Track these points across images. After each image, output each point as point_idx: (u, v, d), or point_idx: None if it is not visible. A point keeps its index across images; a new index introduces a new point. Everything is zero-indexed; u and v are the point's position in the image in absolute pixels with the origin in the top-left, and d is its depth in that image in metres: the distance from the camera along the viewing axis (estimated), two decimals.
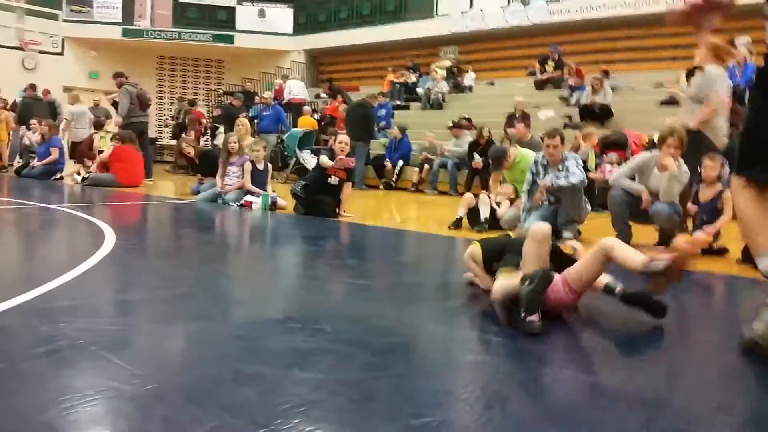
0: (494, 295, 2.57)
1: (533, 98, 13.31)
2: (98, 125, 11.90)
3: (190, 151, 8.77)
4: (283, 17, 20.61)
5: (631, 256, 2.56)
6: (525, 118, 10.76)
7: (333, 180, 6.61)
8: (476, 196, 6.06)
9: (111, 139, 10.06)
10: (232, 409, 1.61)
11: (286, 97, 15.45)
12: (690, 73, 11.45)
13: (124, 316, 2.59)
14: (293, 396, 1.68)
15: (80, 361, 1.93)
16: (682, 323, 2.80)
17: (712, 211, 4.88)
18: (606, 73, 12.60)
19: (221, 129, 12.57)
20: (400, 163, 11.78)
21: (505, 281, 2.59)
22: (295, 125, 13.81)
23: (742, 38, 11.92)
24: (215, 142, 12.75)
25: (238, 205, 7.06)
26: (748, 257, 4.15)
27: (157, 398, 1.67)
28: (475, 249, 3.02)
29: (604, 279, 2.75)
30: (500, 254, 2.90)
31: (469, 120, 12.47)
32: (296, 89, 15.84)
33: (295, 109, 15.11)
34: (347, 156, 6.58)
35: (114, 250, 3.95)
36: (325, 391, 1.74)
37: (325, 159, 6.62)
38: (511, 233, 3.35)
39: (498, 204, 5.96)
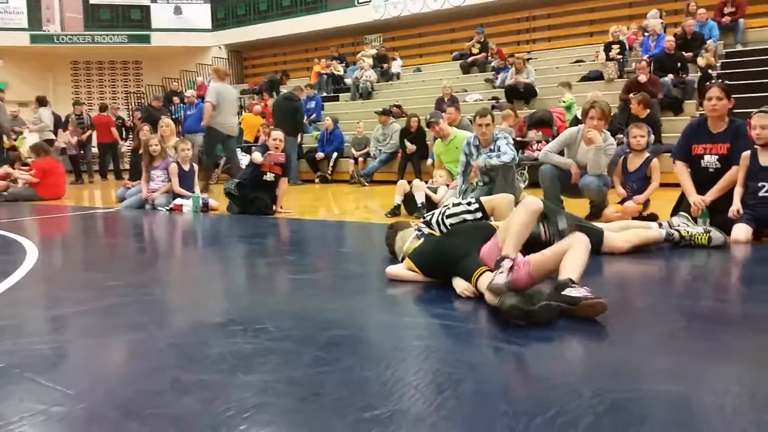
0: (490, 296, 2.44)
1: (460, 82, 13.47)
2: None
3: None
4: (200, 13, 20.07)
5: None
6: (454, 102, 10.86)
7: (269, 177, 6.47)
8: (410, 183, 6.08)
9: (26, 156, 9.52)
10: (173, 420, 1.52)
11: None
12: (607, 47, 11.87)
13: (52, 333, 2.43)
14: (238, 401, 1.61)
15: (3, 386, 1.78)
16: (627, 295, 2.86)
17: (641, 179, 5.03)
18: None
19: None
20: (334, 155, 11.70)
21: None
22: None
23: (654, 11, 12.42)
24: None
25: (167, 210, 6.82)
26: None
27: (92, 417, 1.56)
28: (411, 265, 2.97)
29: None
30: (447, 262, 2.81)
31: (399, 107, 12.50)
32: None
33: None
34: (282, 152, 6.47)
35: (37, 265, 3.74)
36: (272, 393, 1.67)
37: (257, 156, 6.47)
38: (433, 233, 3.30)
39: (435, 190, 5.99)
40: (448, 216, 3.52)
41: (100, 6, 19.79)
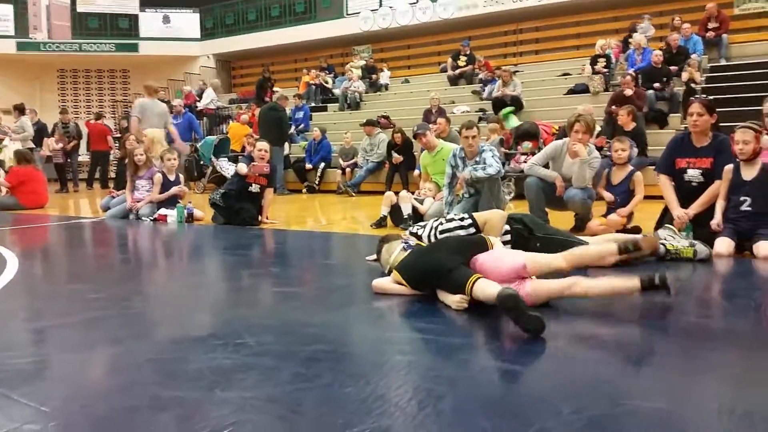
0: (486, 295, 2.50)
1: (447, 93, 13.53)
2: None
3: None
4: (188, 22, 20.04)
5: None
6: (441, 113, 10.90)
7: (254, 188, 6.44)
8: (397, 194, 6.07)
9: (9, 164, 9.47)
10: None
11: (201, 105, 15.16)
12: (593, 61, 11.97)
13: (30, 347, 2.39)
14: (215, 419, 1.58)
15: None
16: (611, 310, 2.86)
17: (624, 192, 5.06)
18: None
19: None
20: (322, 165, 11.69)
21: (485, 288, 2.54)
22: (209, 134, 13.57)
23: (642, 24, 12.52)
24: None
25: (151, 220, 6.77)
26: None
27: None
28: (398, 278, 2.97)
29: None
30: (434, 275, 2.81)
31: (387, 118, 12.52)
32: (206, 98, 15.53)
33: (210, 118, 14.85)
34: (267, 162, 6.45)
35: (17, 276, 3.68)
36: (250, 410, 1.64)
37: (242, 167, 6.45)
38: (421, 243, 3.31)
39: (421, 202, 5.99)
40: (441, 232, 3.53)
41: (88, 14, 19.72)
